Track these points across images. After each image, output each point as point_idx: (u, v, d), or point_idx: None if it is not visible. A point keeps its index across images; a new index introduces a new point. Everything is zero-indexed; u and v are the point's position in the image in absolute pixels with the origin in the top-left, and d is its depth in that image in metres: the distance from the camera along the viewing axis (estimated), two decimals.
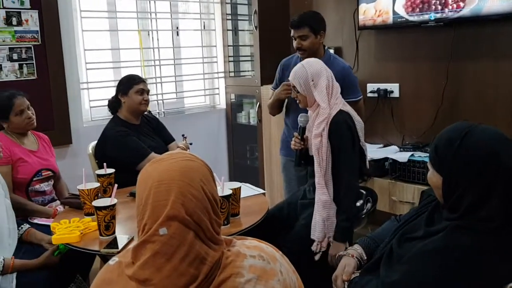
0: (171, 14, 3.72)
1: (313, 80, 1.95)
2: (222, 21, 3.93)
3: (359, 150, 2.00)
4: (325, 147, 1.90)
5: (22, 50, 2.88)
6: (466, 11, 2.58)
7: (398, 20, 2.89)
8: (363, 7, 3.06)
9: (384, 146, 3.13)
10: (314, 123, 1.95)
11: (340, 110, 1.94)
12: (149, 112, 2.85)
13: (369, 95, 3.17)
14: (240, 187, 1.91)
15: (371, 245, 1.57)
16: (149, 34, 3.59)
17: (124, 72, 3.24)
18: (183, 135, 2.81)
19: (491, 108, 2.67)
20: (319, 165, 1.91)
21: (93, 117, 3.28)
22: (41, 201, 2.33)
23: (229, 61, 4.00)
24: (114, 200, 1.72)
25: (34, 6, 2.89)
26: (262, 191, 2.28)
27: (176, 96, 3.83)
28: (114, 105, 2.59)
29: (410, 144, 2.91)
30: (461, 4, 2.59)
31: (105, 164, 2.12)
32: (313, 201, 1.97)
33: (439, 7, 2.68)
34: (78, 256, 1.81)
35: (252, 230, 1.80)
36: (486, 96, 2.68)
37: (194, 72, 3.92)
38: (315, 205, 1.95)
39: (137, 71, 3.43)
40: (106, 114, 2.81)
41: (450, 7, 2.64)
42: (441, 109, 2.86)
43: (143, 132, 2.61)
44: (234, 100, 4.07)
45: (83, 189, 1.92)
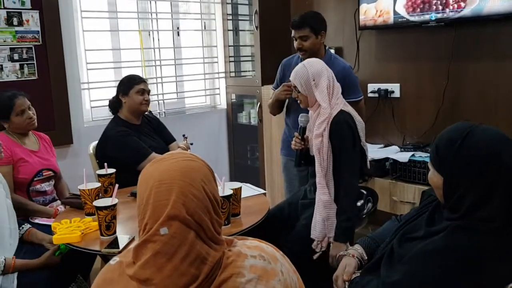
0: (172, 15, 3.72)
1: (314, 80, 1.95)
2: (222, 21, 3.93)
3: (360, 150, 2.00)
4: (326, 147, 1.90)
5: (23, 50, 2.88)
6: (467, 11, 2.57)
7: (399, 20, 2.89)
8: (364, 7, 3.06)
9: (385, 146, 3.13)
10: (315, 123, 1.95)
11: (341, 110, 1.94)
12: (150, 112, 2.85)
13: (369, 95, 3.17)
14: (240, 187, 1.91)
15: (372, 245, 1.57)
16: (149, 34, 3.59)
17: (125, 72, 3.24)
18: (183, 135, 2.81)
19: (492, 108, 2.67)
20: (320, 165, 1.91)
21: (94, 117, 3.28)
22: (42, 201, 2.33)
23: (229, 61, 4.00)
24: (115, 200, 1.72)
25: (35, 6, 2.89)
26: (262, 191, 2.28)
27: (177, 96, 3.83)
28: (114, 105, 2.59)
29: (411, 144, 2.91)
30: (462, 4, 2.59)
31: (106, 164, 2.13)
32: (314, 201, 1.96)
33: (440, 7, 2.68)
34: (79, 256, 1.81)
35: (253, 230, 1.80)
36: (487, 96, 2.68)
37: (195, 72, 3.92)
38: (315, 204, 1.95)
39: (138, 71, 3.43)
40: (107, 114, 2.81)
41: (451, 7, 2.64)
42: (442, 109, 2.85)
43: (144, 132, 2.61)
44: (234, 100, 4.07)
45: (84, 189, 1.92)
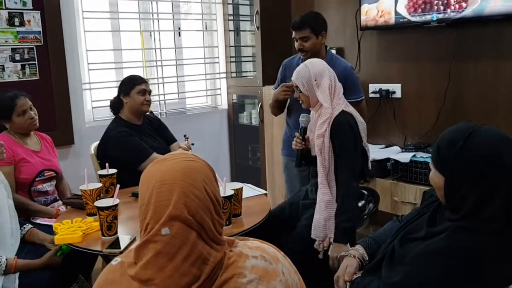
0: (173, 15, 3.73)
1: (315, 80, 1.95)
2: (224, 21, 3.94)
3: (361, 150, 2.00)
4: (327, 147, 1.90)
5: (24, 50, 2.88)
6: (468, 12, 2.57)
7: (400, 20, 2.89)
8: (365, 7, 3.06)
9: (386, 147, 3.13)
10: (317, 123, 1.95)
11: (342, 110, 1.94)
12: (151, 112, 2.85)
13: (371, 95, 3.17)
14: (242, 187, 1.90)
15: (373, 245, 1.57)
16: (151, 35, 3.59)
17: (126, 72, 3.25)
18: (185, 135, 2.81)
19: (493, 109, 2.66)
20: (322, 165, 1.91)
21: (95, 118, 3.28)
22: (43, 201, 2.33)
23: (231, 62, 4.00)
24: (116, 201, 1.72)
25: (36, 6, 2.89)
26: (264, 191, 2.28)
27: (178, 96, 3.84)
28: (116, 105, 2.59)
29: (412, 145, 2.90)
30: (463, 5, 2.58)
31: (107, 164, 2.13)
32: (315, 202, 1.96)
33: (441, 8, 2.68)
34: (80, 256, 1.81)
35: (254, 230, 1.80)
36: (488, 97, 2.68)
37: (196, 73, 3.92)
38: (317, 204, 1.94)
39: (139, 72, 3.44)
40: (108, 115, 2.81)
41: (452, 7, 2.63)
42: (443, 110, 2.85)
43: (145, 133, 2.61)
44: (236, 101, 4.07)
45: (85, 190, 1.93)
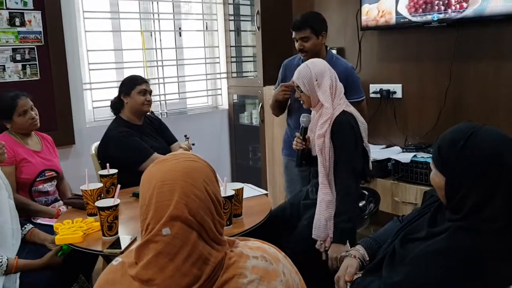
0: (174, 15, 3.73)
1: (317, 80, 1.95)
2: (224, 21, 3.94)
3: (362, 151, 2.00)
4: (328, 147, 1.90)
5: (25, 51, 2.88)
6: (469, 12, 2.57)
7: (401, 20, 2.89)
8: (366, 7, 3.06)
9: (387, 147, 3.12)
10: (318, 123, 1.95)
11: (343, 110, 1.94)
12: (152, 112, 2.85)
13: (371, 95, 3.17)
14: (242, 187, 1.90)
15: (374, 246, 1.57)
16: (151, 35, 3.59)
17: (127, 72, 3.25)
18: (185, 135, 2.81)
19: (494, 109, 2.66)
20: (322, 165, 1.91)
21: (96, 118, 3.28)
22: (44, 201, 2.33)
23: (231, 62, 4.00)
24: (117, 201, 1.72)
25: (37, 6, 2.89)
26: (264, 191, 2.28)
27: (179, 96, 3.84)
28: (116, 105, 2.60)
29: (413, 145, 2.90)
30: (464, 5, 2.58)
31: (108, 164, 2.13)
32: (316, 202, 1.96)
33: (442, 8, 2.68)
34: (81, 256, 1.81)
35: (255, 230, 1.80)
36: (489, 97, 2.68)
37: (197, 73, 3.93)
38: (317, 204, 1.94)
39: (140, 72, 3.44)
40: (109, 115, 2.82)
41: (453, 7, 2.63)
42: (444, 110, 2.85)
43: (146, 133, 2.61)
44: (236, 101, 4.07)
45: (86, 190, 1.93)
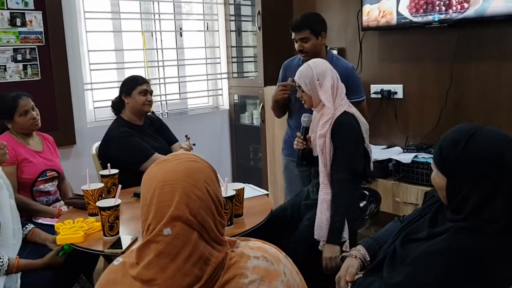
0: (175, 15, 3.73)
1: (318, 80, 1.95)
2: (225, 22, 3.94)
3: (363, 151, 2.00)
4: (329, 147, 1.91)
5: (26, 51, 2.89)
6: (470, 12, 2.57)
7: (402, 21, 2.89)
8: (367, 8, 3.06)
9: (388, 147, 3.12)
10: (319, 123, 1.95)
11: (344, 111, 1.94)
12: (153, 113, 2.85)
13: (372, 96, 3.17)
14: (243, 188, 1.90)
15: (374, 246, 1.57)
16: (152, 35, 3.60)
17: (128, 73, 3.25)
18: (186, 136, 2.81)
19: (495, 109, 2.66)
20: (323, 165, 1.91)
21: (97, 118, 3.29)
22: (45, 201, 2.34)
23: (232, 62, 4.00)
24: (118, 201, 1.73)
25: (38, 7, 2.89)
26: (265, 192, 2.28)
27: (180, 97, 3.84)
28: (117, 105, 2.60)
29: (414, 145, 2.90)
30: (465, 5, 2.58)
31: (109, 164, 2.13)
32: (317, 202, 1.96)
33: (443, 8, 2.68)
34: (82, 256, 1.82)
35: (256, 231, 1.80)
36: (490, 97, 2.68)
37: (198, 73, 3.93)
38: (318, 204, 1.94)
39: (141, 72, 3.44)
40: (110, 115, 2.82)
41: (454, 8, 2.63)
42: (444, 110, 2.85)
43: (147, 133, 2.61)
44: (237, 101, 4.07)
45: (87, 190, 1.93)
